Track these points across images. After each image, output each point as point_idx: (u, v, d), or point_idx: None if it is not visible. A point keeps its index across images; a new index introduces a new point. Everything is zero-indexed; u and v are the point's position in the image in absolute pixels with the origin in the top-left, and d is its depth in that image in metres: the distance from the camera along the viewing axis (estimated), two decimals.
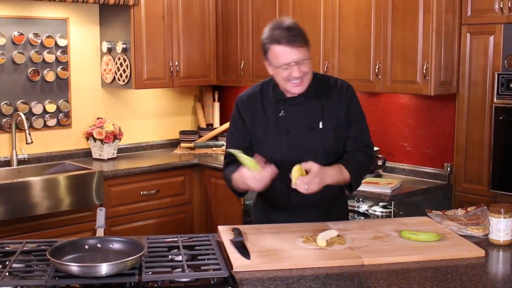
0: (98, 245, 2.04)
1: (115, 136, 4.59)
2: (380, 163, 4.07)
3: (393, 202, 3.62)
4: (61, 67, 4.48)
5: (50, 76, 4.42)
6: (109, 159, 4.59)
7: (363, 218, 3.71)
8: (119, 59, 4.58)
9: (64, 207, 3.92)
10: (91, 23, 4.66)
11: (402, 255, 2.15)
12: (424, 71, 3.63)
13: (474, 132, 3.65)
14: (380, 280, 1.96)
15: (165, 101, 5.15)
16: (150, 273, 1.90)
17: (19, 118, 4.19)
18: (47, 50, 4.40)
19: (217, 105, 5.30)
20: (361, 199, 3.78)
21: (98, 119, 4.62)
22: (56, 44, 4.44)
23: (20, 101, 4.32)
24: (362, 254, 2.14)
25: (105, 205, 4.09)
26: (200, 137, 5.14)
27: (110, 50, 4.64)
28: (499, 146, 3.50)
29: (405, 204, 3.69)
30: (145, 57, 4.55)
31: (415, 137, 4.09)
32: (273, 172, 2.33)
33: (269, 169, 2.32)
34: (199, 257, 2.07)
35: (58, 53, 4.45)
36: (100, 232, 2.15)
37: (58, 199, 3.90)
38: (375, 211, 3.71)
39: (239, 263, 2.06)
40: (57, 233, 3.89)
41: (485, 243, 2.31)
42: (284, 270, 2.03)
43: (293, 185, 2.32)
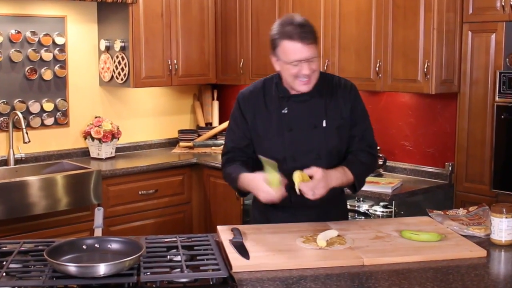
0: (96, 245, 2.04)
1: (113, 135, 4.58)
2: (380, 162, 4.07)
3: (394, 202, 3.63)
4: (58, 65, 4.47)
5: (47, 75, 4.41)
6: (107, 159, 4.58)
7: (363, 218, 3.72)
8: (117, 57, 4.57)
9: (61, 206, 3.92)
10: (89, 21, 4.65)
11: (403, 255, 2.15)
12: (425, 69, 3.62)
13: (476, 131, 3.64)
14: (381, 280, 1.95)
15: (163, 100, 5.14)
16: (148, 273, 1.90)
17: (16, 117, 4.18)
18: (45, 48, 4.38)
19: (216, 103, 5.29)
20: (361, 198, 3.79)
21: (96, 118, 4.61)
22: (53, 42, 4.43)
23: (18, 99, 4.30)
24: (363, 254, 2.14)
25: (103, 204, 4.08)
26: (199, 136, 5.13)
27: (108, 48, 4.63)
28: (500, 145, 3.49)
29: (406, 203, 3.69)
30: (143, 55, 4.55)
31: (416, 136, 4.08)
32: (283, 195, 2.34)
33: (283, 192, 2.33)
34: (198, 257, 2.06)
35: (56, 51, 4.44)
36: (98, 232, 2.14)
37: (56, 198, 3.89)
38: (376, 211, 3.73)
39: (238, 263, 2.06)
40: (54, 233, 3.88)
41: (486, 243, 2.31)
42: (284, 271, 2.03)
43: (297, 190, 2.32)
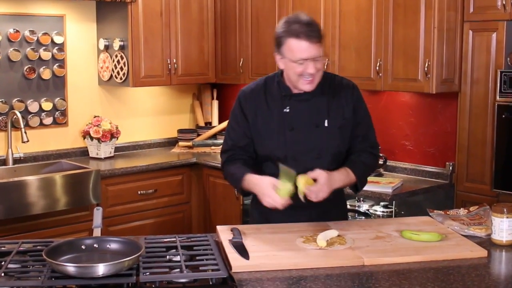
0: (95, 245, 2.04)
1: (112, 135, 4.57)
2: (381, 162, 4.06)
3: (394, 202, 3.64)
4: (57, 64, 4.46)
5: (46, 74, 4.40)
6: (106, 158, 4.57)
7: (364, 218, 3.72)
8: (116, 56, 4.56)
9: (60, 206, 3.91)
10: (88, 20, 4.64)
11: (404, 255, 2.14)
12: (426, 68, 3.61)
13: (477, 131, 3.63)
14: (381, 280, 1.95)
15: (163, 99, 5.13)
16: (147, 273, 1.90)
17: (14, 116, 4.17)
18: (43, 48, 4.37)
19: (215, 103, 5.28)
20: (362, 198, 3.79)
21: (95, 117, 4.60)
22: (52, 41, 4.42)
23: (16, 99, 4.29)
24: (363, 255, 2.13)
25: (102, 204, 4.07)
26: (199, 135, 5.12)
27: (107, 48, 4.62)
28: (501, 144, 3.48)
29: (407, 203, 3.69)
30: (142, 54, 4.54)
31: (416, 135, 4.08)
32: (288, 204, 2.34)
33: (288, 201, 2.32)
34: (197, 258, 2.06)
35: (55, 50, 4.43)
36: (97, 232, 2.14)
37: (55, 198, 3.88)
38: (376, 210, 3.74)
39: (238, 263, 2.05)
40: (53, 233, 3.87)
41: (487, 243, 2.31)
42: (283, 271, 2.02)
43: (300, 194, 2.32)
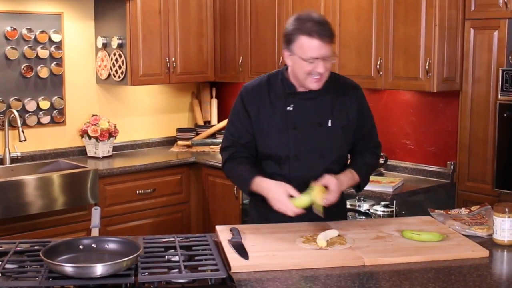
0: (93, 245, 2.04)
1: (110, 134, 4.56)
2: (382, 161, 4.05)
3: (395, 201, 3.64)
4: (55, 63, 4.44)
5: (44, 72, 4.38)
6: (104, 157, 4.57)
7: (364, 217, 3.73)
8: (114, 54, 4.54)
9: (58, 206, 3.90)
10: (86, 18, 4.63)
11: (404, 255, 2.14)
12: (427, 67, 3.59)
13: (478, 130, 3.62)
14: (382, 281, 1.95)
15: (161, 98, 5.12)
16: (146, 274, 1.90)
17: (12, 115, 4.17)
18: (41, 46, 4.36)
19: (214, 102, 5.27)
20: (362, 198, 3.80)
21: (93, 116, 4.59)
22: (50, 39, 4.41)
23: (13, 98, 4.28)
24: (363, 255, 2.13)
25: (100, 204, 4.07)
26: (198, 134, 5.12)
27: (105, 46, 4.61)
28: (503, 143, 3.48)
29: (407, 203, 3.70)
30: (141, 52, 4.53)
31: (417, 134, 4.07)
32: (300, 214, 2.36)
33: (301, 212, 2.33)
34: (196, 258, 2.06)
35: (52, 48, 4.42)
36: (95, 232, 2.14)
37: (52, 198, 3.87)
38: (377, 210, 3.76)
39: (237, 263, 2.04)
40: (51, 233, 3.86)
41: (489, 243, 2.30)
42: (283, 271, 2.02)
43: (319, 209, 2.31)
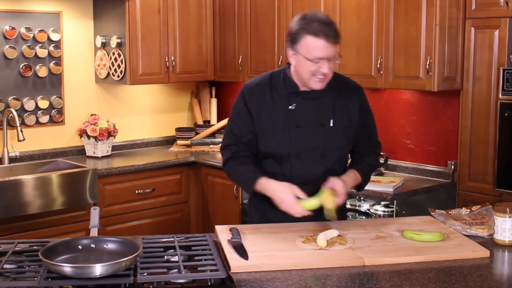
0: (92, 245, 2.04)
1: (109, 133, 4.55)
2: (382, 161, 4.04)
3: (395, 201, 3.64)
4: (54, 62, 4.43)
5: (42, 72, 4.37)
6: (103, 157, 4.56)
7: (364, 217, 3.74)
8: (113, 54, 4.53)
9: (57, 206, 3.89)
10: (85, 17, 4.62)
11: (405, 255, 2.14)
12: (427, 66, 3.59)
13: (479, 129, 3.62)
14: (382, 281, 1.94)
15: (160, 97, 5.11)
16: (145, 274, 1.89)
17: (10, 114, 4.16)
18: (40, 45, 4.35)
19: (214, 101, 5.26)
20: (362, 198, 3.81)
21: (92, 115, 4.58)
22: (48, 38, 4.40)
23: (12, 97, 4.27)
24: (364, 255, 2.13)
25: (99, 204, 4.06)
26: (197, 134, 5.11)
27: (104, 45, 4.60)
28: (504, 143, 3.47)
29: (408, 203, 3.69)
30: (140, 52, 4.52)
31: (418, 134, 4.06)
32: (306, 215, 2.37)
33: (308, 213, 2.34)
34: (195, 258, 2.06)
35: (51, 47, 4.41)
36: (94, 232, 2.14)
37: (51, 198, 3.87)
38: (377, 210, 3.76)
39: (237, 263, 2.04)
40: (49, 233, 3.85)
41: (490, 243, 2.30)
42: (283, 271, 2.02)
43: (331, 213, 2.32)
